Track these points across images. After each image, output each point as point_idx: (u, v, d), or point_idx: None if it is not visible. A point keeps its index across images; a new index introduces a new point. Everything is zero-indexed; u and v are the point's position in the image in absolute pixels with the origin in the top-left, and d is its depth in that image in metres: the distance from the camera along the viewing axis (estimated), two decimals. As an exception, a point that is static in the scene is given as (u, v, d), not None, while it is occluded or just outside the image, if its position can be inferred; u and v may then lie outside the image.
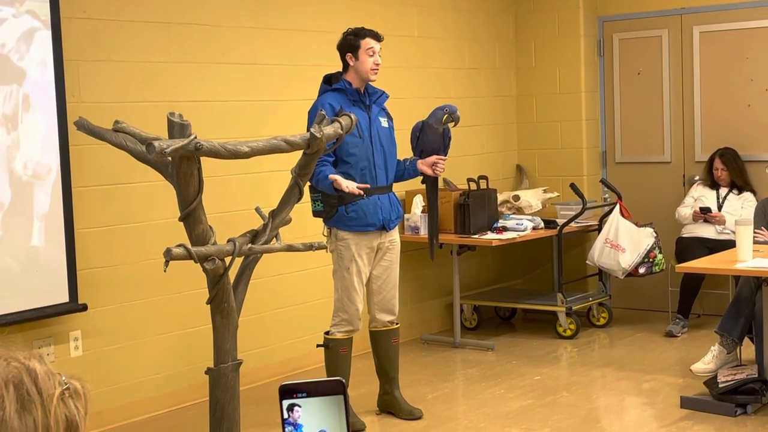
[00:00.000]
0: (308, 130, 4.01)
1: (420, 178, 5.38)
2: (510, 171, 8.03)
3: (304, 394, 1.16)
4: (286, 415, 1.16)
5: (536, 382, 5.92)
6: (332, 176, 4.81)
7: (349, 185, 4.79)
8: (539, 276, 8.02)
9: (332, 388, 1.17)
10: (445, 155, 5.30)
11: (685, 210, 7.13)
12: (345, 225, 5.02)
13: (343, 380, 1.17)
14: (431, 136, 5.22)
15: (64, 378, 1.08)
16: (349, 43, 5.04)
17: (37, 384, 1.04)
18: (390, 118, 5.22)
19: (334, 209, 4.99)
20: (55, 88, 4.93)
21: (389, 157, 5.13)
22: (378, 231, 5.08)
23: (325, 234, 5.09)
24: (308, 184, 4.43)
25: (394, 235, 5.20)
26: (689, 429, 4.96)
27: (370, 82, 5.08)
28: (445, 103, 5.48)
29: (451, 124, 5.23)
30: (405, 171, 5.23)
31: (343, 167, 4.98)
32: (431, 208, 5.52)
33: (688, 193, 7.30)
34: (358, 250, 5.05)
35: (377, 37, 5.07)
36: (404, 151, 5.39)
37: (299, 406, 1.16)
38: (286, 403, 1.16)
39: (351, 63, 5.03)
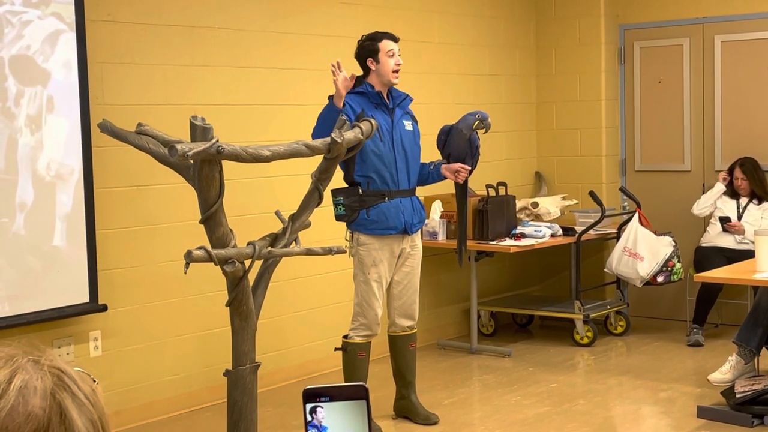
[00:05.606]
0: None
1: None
2: (529, 178, 8.03)
3: (327, 398, 1.18)
4: (309, 418, 1.17)
5: (552, 389, 5.92)
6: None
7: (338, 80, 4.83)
8: (557, 283, 8.02)
9: (355, 392, 1.18)
10: (474, 164, 5.30)
11: (704, 208, 7.12)
12: (367, 228, 5.03)
13: (366, 386, 1.19)
14: (459, 141, 5.23)
15: (82, 370, 1.10)
16: (368, 48, 5.06)
17: (77, 384, 1.05)
18: (415, 121, 5.22)
19: (355, 213, 5.00)
20: (78, 90, 4.97)
21: (412, 161, 5.14)
22: (400, 234, 5.08)
23: (348, 238, 5.10)
24: (329, 188, 4.45)
25: (417, 240, 5.20)
26: (706, 439, 4.96)
27: (393, 86, 5.09)
28: (462, 109, 5.50)
29: (481, 131, 5.23)
30: (429, 175, 5.24)
31: (365, 170, 5.00)
32: (460, 213, 5.52)
33: (708, 192, 7.23)
34: (380, 256, 5.06)
35: (393, 38, 5.09)
36: (428, 155, 5.40)
37: (322, 408, 1.18)
38: (309, 406, 1.18)
39: (372, 67, 5.05)
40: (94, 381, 1.09)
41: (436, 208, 6.66)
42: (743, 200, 7.07)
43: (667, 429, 5.24)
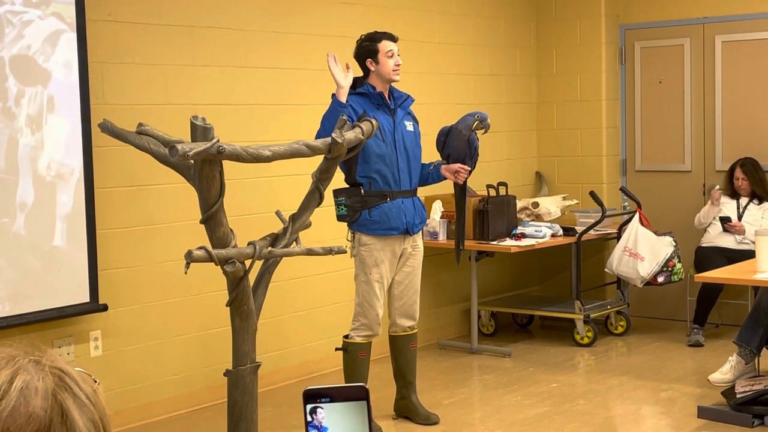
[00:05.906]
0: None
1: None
2: (530, 178, 8.03)
3: (327, 399, 1.18)
4: (309, 419, 1.17)
5: (553, 389, 5.92)
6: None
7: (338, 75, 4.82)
8: (557, 283, 8.02)
9: (356, 393, 1.18)
10: (473, 164, 5.30)
11: (706, 218, 7.11)
12: (368, 229, 5.03)
13: (367, 386, 1.18)
14: (458, 142, 5.23)
15: (83, 370, 1.10)
16: (367, 49, 5.06)
17: (78, 384, 1.05)
18: (416, 122, 5.23)
19: (357, 213, 5.01)
20: (79, 90, 4.97)
21: (413, 162, 5.14)
22: (401, 235, 5.09)
23: (349, 239, 5.11)
24: (330, 188, 4.45)
25: (418, 240, 5.21)
26: (706, 439, 4.95)
27: (393, 84, 5.10)
28: (462, 109, 5.49)
29: (480, 131, 5.24)
30: (429, 175, 5.24)
31: (367, 171, 5.00)
32: (459, 212, 5.52)
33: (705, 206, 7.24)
34: (381, 256, 5.06)
35: (392, 38, 5.09)
36: (428, 155, 5.40)
37: (322, 408, 1.18)
38: (309, 407, 1.18)
39: (372, 68, 5.05)
40: (96, 381, 1.09)
41: (437, 209, 6.66)
42: (743, 200, 7.07)
43: (668, 429, 5.24)
